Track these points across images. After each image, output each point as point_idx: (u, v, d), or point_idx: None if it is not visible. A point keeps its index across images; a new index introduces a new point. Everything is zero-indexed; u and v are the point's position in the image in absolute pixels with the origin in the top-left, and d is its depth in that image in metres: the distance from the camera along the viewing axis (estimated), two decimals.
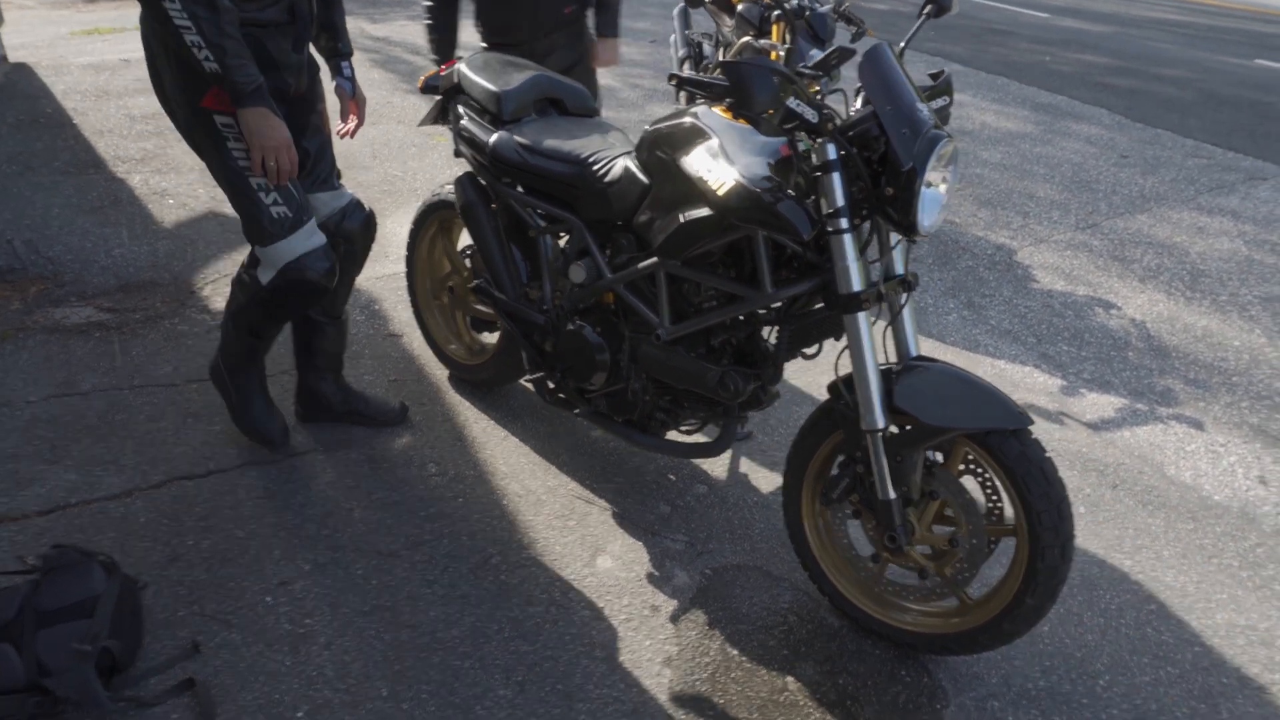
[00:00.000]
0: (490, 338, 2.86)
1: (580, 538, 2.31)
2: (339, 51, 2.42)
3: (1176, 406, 3.00)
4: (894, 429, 1.81)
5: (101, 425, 2.62)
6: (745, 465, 2.61)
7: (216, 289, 3.45)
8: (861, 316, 1.78)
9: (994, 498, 1.85)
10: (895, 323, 1.91)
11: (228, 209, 4.29)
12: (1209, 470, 2.69)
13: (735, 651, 2.00)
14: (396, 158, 4.93)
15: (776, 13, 3.58)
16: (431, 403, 2.84)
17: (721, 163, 1.86)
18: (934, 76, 1.94)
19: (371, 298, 3.43)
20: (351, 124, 2.49)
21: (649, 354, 2.15)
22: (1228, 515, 2.50)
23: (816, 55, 3.59)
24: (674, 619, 2.08)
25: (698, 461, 2.62)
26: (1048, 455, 1.74)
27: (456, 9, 2.96)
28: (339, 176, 2.45)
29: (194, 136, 2.13)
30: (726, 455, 2.61)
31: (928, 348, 3.27)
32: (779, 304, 1.96)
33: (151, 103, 5.58)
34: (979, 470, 1.83)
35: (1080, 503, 2.51)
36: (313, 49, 2.33)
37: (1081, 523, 2.44)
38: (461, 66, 2.48)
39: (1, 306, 3.25)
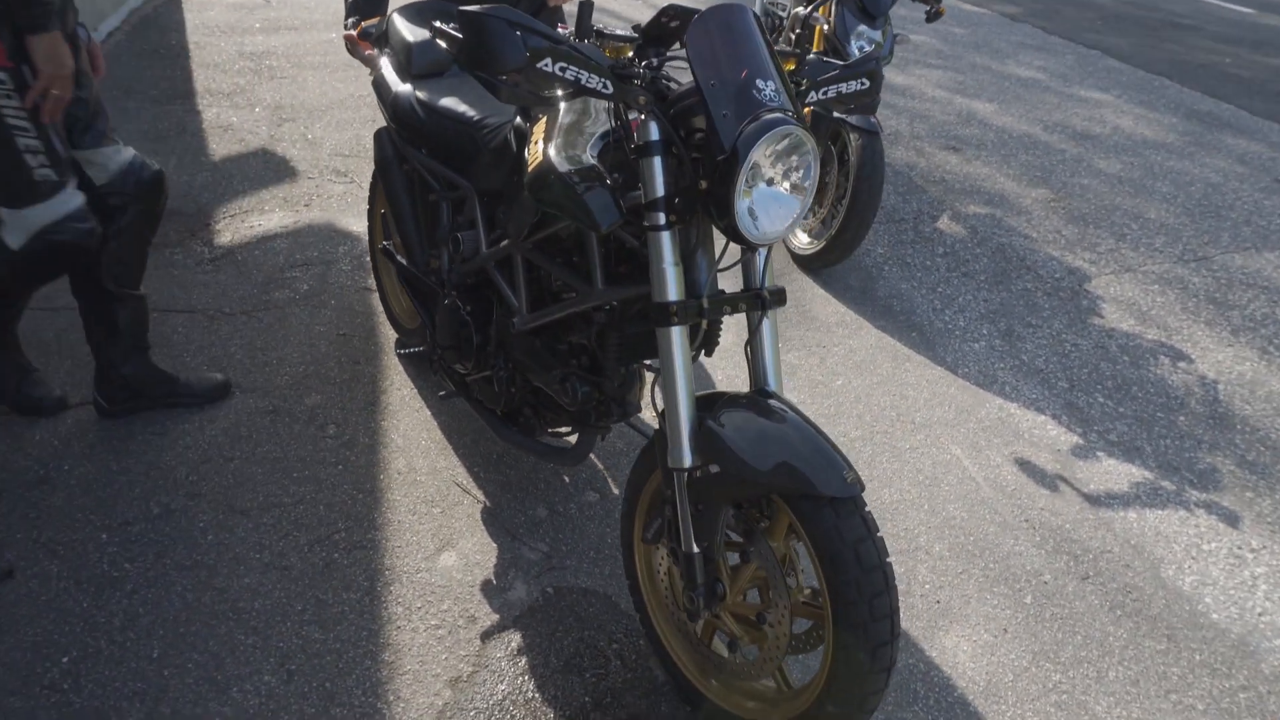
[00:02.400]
0: None
1: (437, 527, 2.16)
2: None
3: (1213, 492, 2.44)
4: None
5: (57, 341, 2.72)
6: None
7: (229, 225, 3.52)
8: (675, 333, 1.49)
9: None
10: (751, 344, 1.60)
11: (279, 147, 4.43)
12: (1221, 579, 2.16)
13: (531, 686, 1.79)
14: None
15: None
16: (366, 363, 2.75)
17: (555, 134, 1.61)
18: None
19: (365, 249, 3.39)
20: (99, 66, 2.20)
21: (509, 342, 1.95)
22: (1220, 642, 2.00)
23: (865, 32, 3.19)
24: (485, 636, 1.89)
25: (601, 467, 2.40)
26: (875, 536, 1.40)
27: None
28: (109, 122, 2.19)
29: None
30: None
31: (930, 375, 2.85)
32: (613, 305, 1.70)
33: (264, 41, 5.84)
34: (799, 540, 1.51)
35: (1032, 590, 2.09)
36: None
37: (1022, 614, 2.02)
38: (394, 14, 2.34)
39: None
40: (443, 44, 1.35)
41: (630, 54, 1.47)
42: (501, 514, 2.21)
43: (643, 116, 1.44)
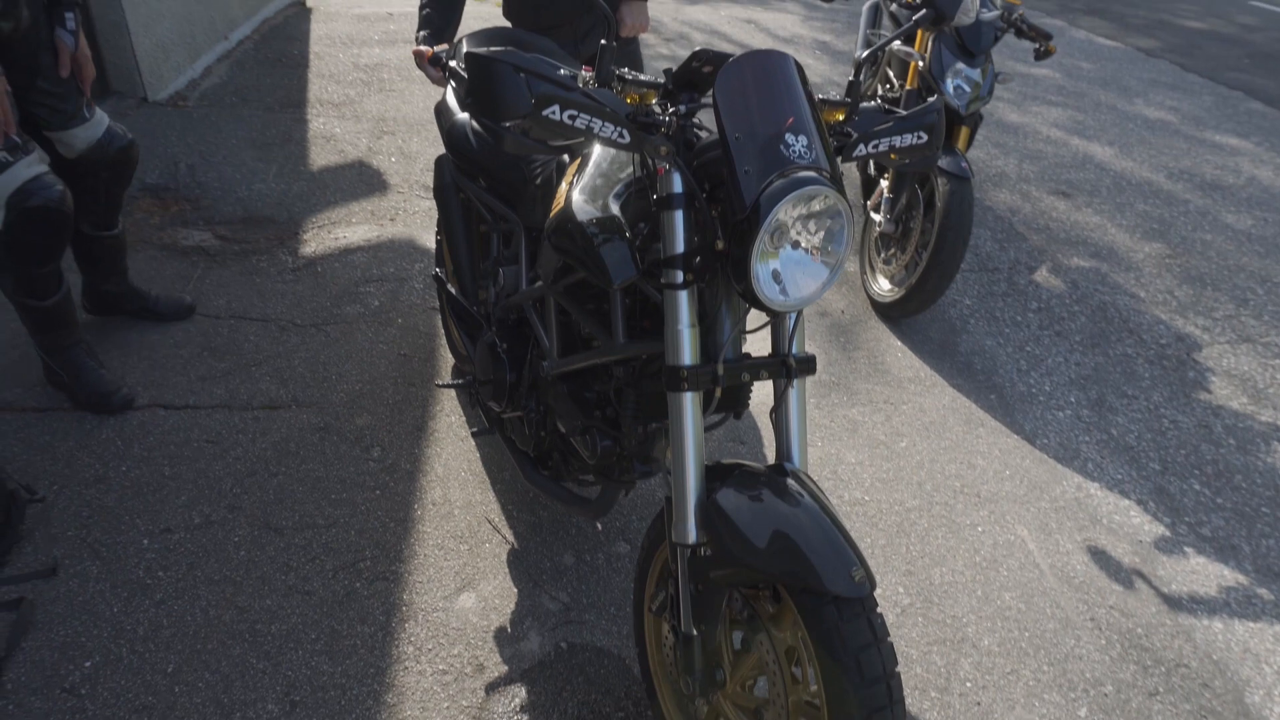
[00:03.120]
0: None
1: (461, 565, 2.13)
2: (59, 2, 2.29)
3: None
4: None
5: (131, 340, 2.84)
6: None
7: (316, 235, 3.63)
8: (687, 399, 1.41)
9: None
10: (776, 414, 1.50)
11: (375, 160, 4.55)
12: None
13: None
14: None
15: (921, 14, 3.04)
16: (421, 386, 2.77)
17: (581, 179, 1.56)
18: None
19: None
20: (86, 70, 2.38)
21: (540, 385, 1.91)
22: None
23: (963, 70, 3.03)
24: (491, 687, 1.84)
25: (635, 519, 2.32)
26: (883, 643, 1.28)
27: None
28: (90, 106, 2.44)
29: None
30: None
31: (1005, 444, 2.65)
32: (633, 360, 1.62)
33: (379, 53, 6.05)
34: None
35: (1089, 701, 1.89)
36: None
37: None
38: (464, 38, 2.34)
39: (144, 219, 3.65)
40: (453, 84, 1.31)
41: (654, 100, 1.40)
42: (528, 557, 2.17)
43: (666, 166, 1.37)
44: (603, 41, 1.31)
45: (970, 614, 2.09)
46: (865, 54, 1.54)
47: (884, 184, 3.30)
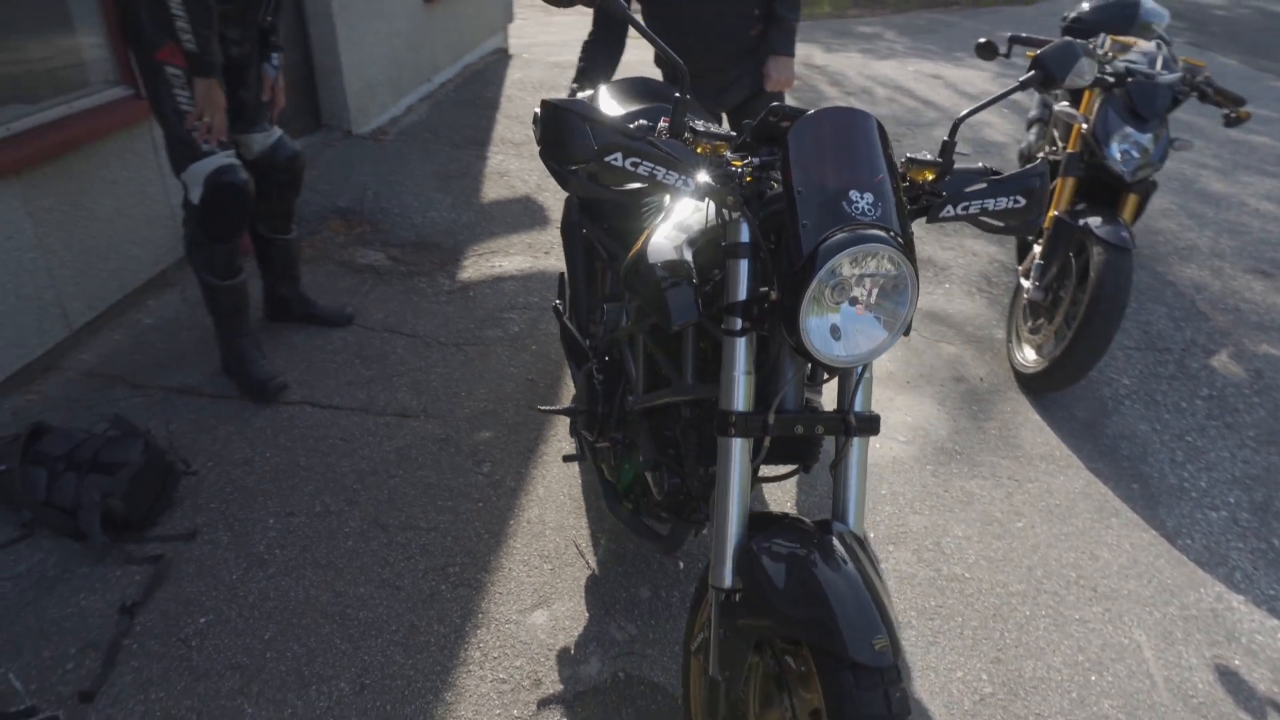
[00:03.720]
0: None
1: (541, 583, 2.21)
2: (270, 44, 2.89)
3: None
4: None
5: (296, 342, 3.18)
6: None
7: (474, 262, 3.91)
8: (735, 445, 1.41)
9: None
10: (835, 470, 1.48)
11: (541, 195, 4.82)
12: None
13: None
14: None
15: (1030, 74, 2.89)
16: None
17: (665, 224, 1.61)
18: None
19: None
20: (279, 99, 2.96)
21: (626, 419, 1.97)
22: None
23: (1132, 135, 2.85)
24: (543, 703, 1.90)
25: None
26: (902, 717, 1.22)
27: (615, 49, 2.75)
28: (271, 121, 2.94)
29: (146, 77, 2.58)
30: None
31: (1138, 539, 2.41)
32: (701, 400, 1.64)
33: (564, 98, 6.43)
34: None
35: None
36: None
37: None
38: (602, 87, 2.47)
39: (330, 238, 4.08)
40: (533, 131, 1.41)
41: (727, 151, 1.44)
42: (606, 584, 2.21)
43: (735, 215, 1.41)
44: (676, 94, 1.37)
45: (1059, 716, 1.92)
46: (963, 115, 1.51)
47: (1036, 249, 3.13)
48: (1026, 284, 3.11)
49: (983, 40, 3.06)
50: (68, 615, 2.02)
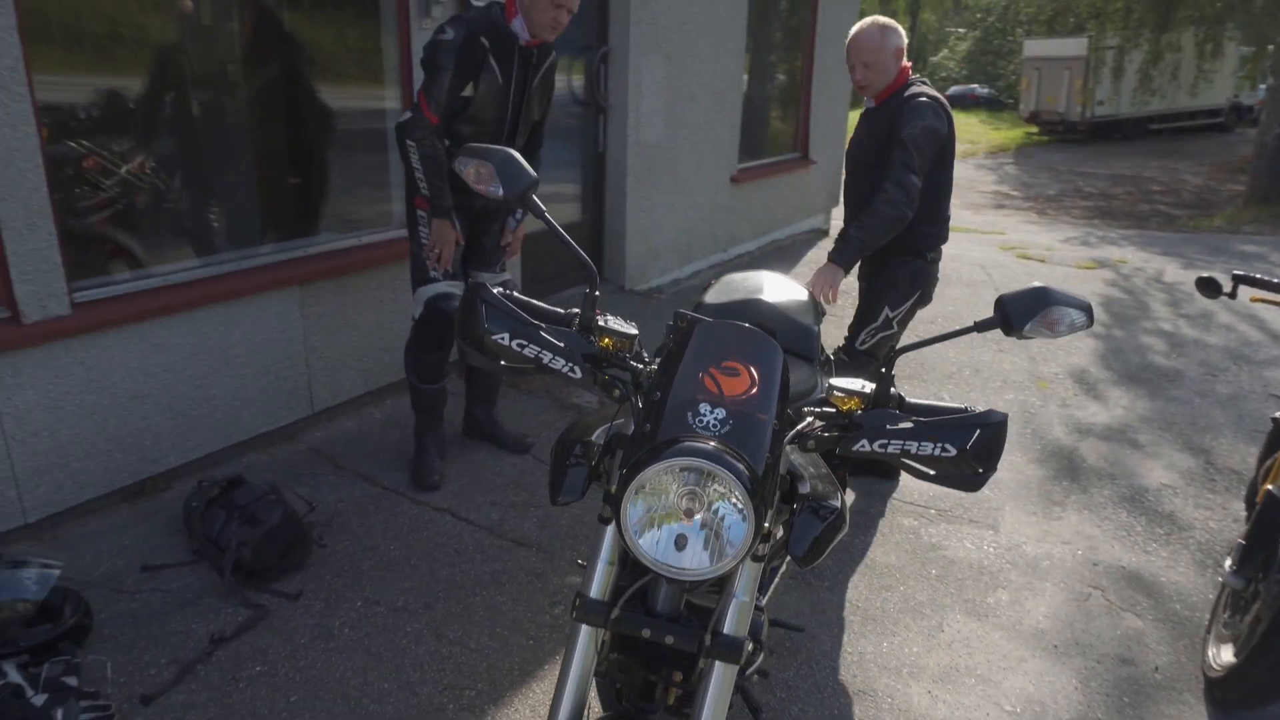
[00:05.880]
0: None
1: None
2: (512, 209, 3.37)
3: None
4: None
5: (476, 459, 3.59)
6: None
7: None
8: (581, 631, 1.42)
9: None
10: (694, 694, 1.41)
11: None
12: None
13: None
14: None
15: None
16: None
17: (604, 406, 1.69)
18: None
19: None
20: (514, 248, 3.48)
21: None
22: None
23: None
24: None
25: None
26: None
27: None
28: (503, 268, 3.46)
29: (408, 218, 3.19)
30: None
31: None
32: None
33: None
34: None
35: None
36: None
37: None
38: (712, 282, 2.59)
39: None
40: None
41: (632, 348, 1.51)
42: None
43: (623, 405, 1.47)
44: (586, 291, 1.50)
45: None
46: (902, 347, 1.43)
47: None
48: (1227, 564, 2.52)
49: (1205, 275, 2.66)
50: (178, 632, 2.50)
